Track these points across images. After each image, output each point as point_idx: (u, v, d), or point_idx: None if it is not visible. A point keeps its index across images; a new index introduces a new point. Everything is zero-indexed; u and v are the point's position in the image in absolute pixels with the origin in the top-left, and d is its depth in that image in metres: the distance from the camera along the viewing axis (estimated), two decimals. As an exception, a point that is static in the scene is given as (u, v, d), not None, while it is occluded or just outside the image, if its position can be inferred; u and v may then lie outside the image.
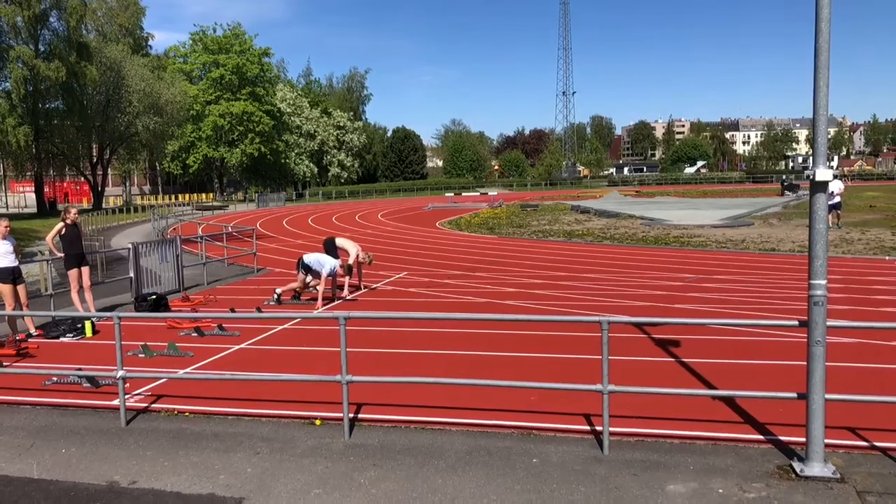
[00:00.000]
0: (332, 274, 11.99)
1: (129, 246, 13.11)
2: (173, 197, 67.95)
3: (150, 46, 66.31)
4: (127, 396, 6.59)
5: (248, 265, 17.24)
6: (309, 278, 12.15)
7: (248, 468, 5.31)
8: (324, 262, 11.86)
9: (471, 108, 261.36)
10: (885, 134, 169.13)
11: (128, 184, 73.17)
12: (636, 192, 70.23)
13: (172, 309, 11.85)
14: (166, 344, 8.80)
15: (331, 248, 13.14)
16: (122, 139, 54.41)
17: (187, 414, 6.52)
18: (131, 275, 12.81)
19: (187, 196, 68.32)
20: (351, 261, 12.84)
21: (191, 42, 73.72)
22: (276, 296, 12.06)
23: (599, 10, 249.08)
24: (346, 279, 12.42)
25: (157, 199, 67.23)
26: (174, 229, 31.39)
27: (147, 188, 79.88)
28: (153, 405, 6.76)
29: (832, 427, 5.32)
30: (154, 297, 11.66)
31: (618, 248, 20.06)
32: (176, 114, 54.80)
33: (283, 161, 76.75)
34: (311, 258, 12.03)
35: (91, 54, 47.81)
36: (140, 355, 8.52)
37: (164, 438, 5.93)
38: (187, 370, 7.95)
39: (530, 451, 5.44)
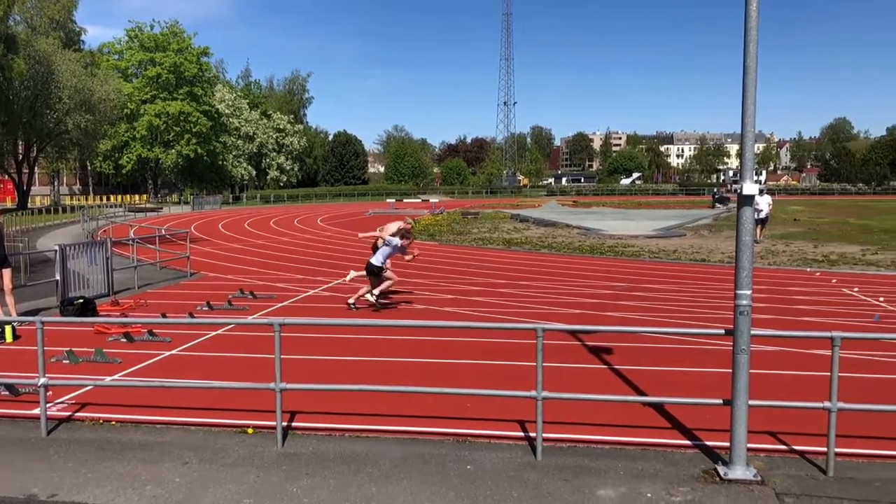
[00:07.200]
0: (398, 248, 11.93)
1: (56, 248, 12.62)
2: (105, 198, 65.67)
3: (83, 41, 63.65)
4: (49, 405, 6.33)
5: (182, 269, 16.81)
6: (387, 272, 11.89)
7: (175, 478, 5.16)
8: (386, 249, 11.83)
9: (413, 115, 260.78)
10: (809, 151, 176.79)
11: (56, 183, 70.42)
12: (574, 201, 71.40)
13: (101, 313, 11.45)
14: (93, 350, 8.49)
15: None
16: (51, 137, 52.24)
17: (113, 423, 6.30)
18: (57, 277, 12.32)
19: (120, 197, 66.20)
20: (401, 224, 12.49)
21: (126, 38, 71.47)
22: (373, 299, 11.72)
23: (541, 23, 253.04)
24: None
25: (87, 199, 64.81)
26: (105, 231, 30.33)
27: (77, 188, 76.96)
28: (77, 414, 6.51)
29: (755, 431, 5.53)
30: (81, 300, 11.25)
31: (555, 257, 20.36)
32: (109, 112, 52.92)
33: (220, 163, 75.00)
34: (376, 259, 11.88)
35: (19, 47, 45.81)
36: (64, 361, 8.19)
37: (88, 449, 5.72)
38: (115, 377, 7.69)
39: (465, 458, 5.47)
